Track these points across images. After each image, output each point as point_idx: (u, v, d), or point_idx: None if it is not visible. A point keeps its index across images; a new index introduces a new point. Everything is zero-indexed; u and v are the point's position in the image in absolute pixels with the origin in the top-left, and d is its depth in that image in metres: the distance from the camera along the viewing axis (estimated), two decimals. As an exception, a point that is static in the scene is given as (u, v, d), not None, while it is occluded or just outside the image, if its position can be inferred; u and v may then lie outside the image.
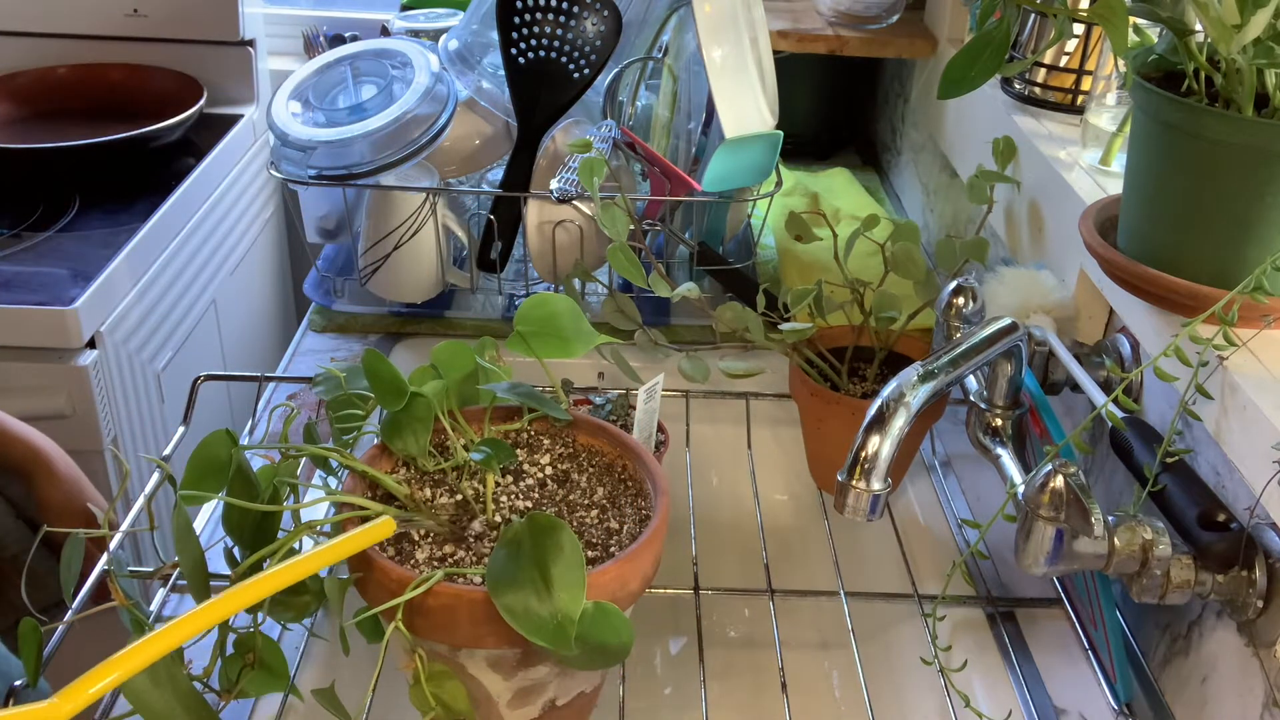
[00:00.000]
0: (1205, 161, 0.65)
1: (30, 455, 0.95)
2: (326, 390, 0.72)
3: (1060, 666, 0.80)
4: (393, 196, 1.11)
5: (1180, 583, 0.67)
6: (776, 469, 1.09)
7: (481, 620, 0.59)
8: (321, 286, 1.24)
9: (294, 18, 1.91)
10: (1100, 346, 0.87)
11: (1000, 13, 0.73)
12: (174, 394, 1.44)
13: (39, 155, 1.45)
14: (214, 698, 0.62)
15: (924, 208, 1.42)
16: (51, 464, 0.95)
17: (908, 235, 0.93)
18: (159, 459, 0.70)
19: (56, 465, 0.95)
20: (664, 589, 0.83)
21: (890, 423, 0.66)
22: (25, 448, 0.95)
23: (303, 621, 0.68)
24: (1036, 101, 1.05)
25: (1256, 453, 0.61)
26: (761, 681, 0.93)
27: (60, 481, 0.95)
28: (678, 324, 1.20)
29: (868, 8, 1.39)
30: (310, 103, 1.14)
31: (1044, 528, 0.67)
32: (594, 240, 1.12)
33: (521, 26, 1.09)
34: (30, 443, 0.95)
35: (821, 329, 0.94)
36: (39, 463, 0.95)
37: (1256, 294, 0.63)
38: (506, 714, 0.66)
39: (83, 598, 0.77)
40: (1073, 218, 0.81)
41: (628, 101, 1.21)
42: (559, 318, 0.72)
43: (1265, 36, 0.61)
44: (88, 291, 1.22)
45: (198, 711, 0.57)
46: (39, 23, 1.69)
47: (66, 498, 0.93)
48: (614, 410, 0.93)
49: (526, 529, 0.59)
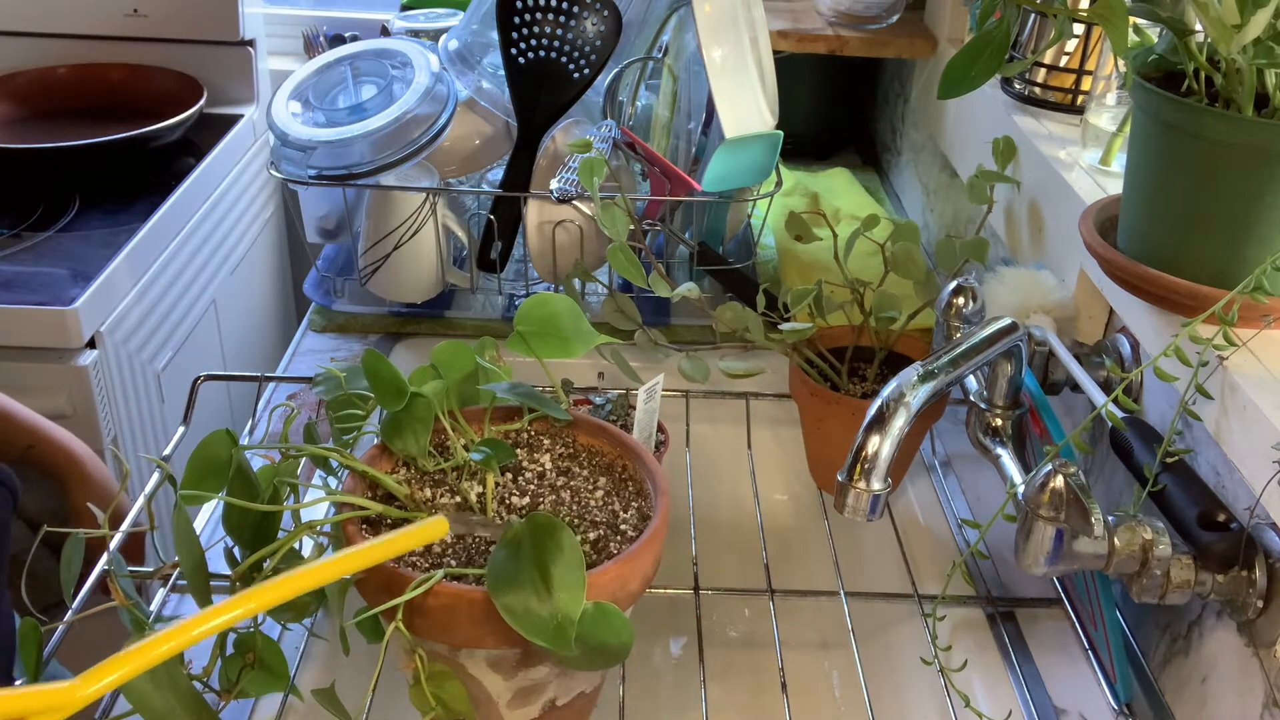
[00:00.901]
0: (1205, 161, 0.65)
1: (65, 461, 0.96)
2: (326, 390, 0.72)
3: (1060, 666, 0.80)
4: (393, 196, 1.11)
5: (1180, 583, 0.67)
6: (776, 469, 1.09)
7: (481, 620, 0.59)
8: (321, 286, 1.24)
9: (294, 18, 1.91)
10: (1100, 346, 0.87)
11: (1000, 13, 0.73)
12: (174, 394, 1.44)
13: (39, 155, 1.45)
14: (214, 698, 0.62)
15: (924, 208, 1.42)
16: (85, 470, 0.96)
17: (908, 235, 0.93)
18: (159, 459, 0.70)
19: (90, 471, 0.96)
20: (664, 589, 0.83)
21: (890, 423, 0.66)
22: (61, 453, 0.96)
23: (303, 621, 0.68)
24: (1036, 101, 1.05)
25: (1256, 453, 0.61)
26: (761, 681, 0.93)
27: (93, 486, 0.96)
28: (678, 324, 1.20)
29: (868, 8, 1.39)
30: (310, 103, 1.14)
31: (1044, 528, 0.67)
32: (594, 240, 1.12)
33: (521, 26, 1.09)
34: (66, 448, 0.96)
35: (821, 329, 0.94)
36: (73, 467, 0.96)
37: (1256, 294, 0.63)
38: (506, 714, 0.66)
39: (83, 598, 0.77)
40: (1073, 218, 0.81)
41: (628, 101, 1.21)
42: (559, 318, 0.72)
43: (1265, 36, 0.61)
44: (88, 291, 1.22)
45: (198, 711, 0.57)
46: (39, 23, 1.69)
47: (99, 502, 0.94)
48: (614, 410, 0.93)
49: (526, 529, 0.59)
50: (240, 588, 0.65)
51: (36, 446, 0.95)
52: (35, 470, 0.94)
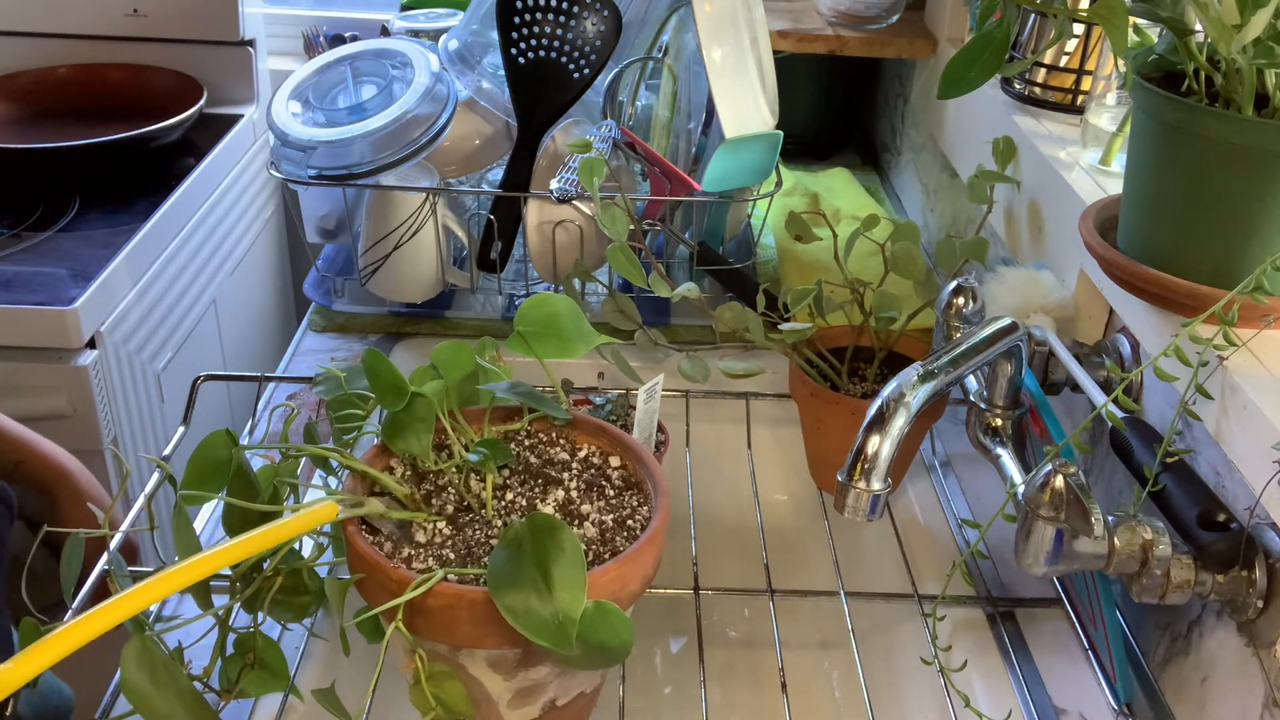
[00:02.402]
0: (1205, 161, 0.65)
1: (56, 475, 0.96)
2: (326, 390, 0.72)
3: (1060, 666, 0.80)
4: (393, 196, 1.11)
5: (1180, 583, 0.67)
6: (776, 469, 1.09)
7: (482, 620, 0.59)
8: (321, 286, 1.24)
9: (294, 18, 1.91)
10: (1100, 346, 0.87)
11: (1000, 13, 0.73)
12: (174, 394, 1.44)
13: (39, 155, 1.45)
14: (214, 698, 0.63)
15: (924, 208, 1.42)
16: (76, 483, 0.96)
17: (908, 235, 0.93)
18: (159, 459, 0.70)
19: (81, 485, 0.96)
20: (664, 589, 0.83)
21: (890, 423, 0.66)
22: (51, 467, 0.96)
23: (303, 621, 0.68)
24: (1036, 101, 1.05)
25: (1256, 453, 0.61)
26: (761, 681, 0.93)
27: (84, 500, 0.95)
28: (678, 324, 1.20)
29: (868, 8, 1.39)
30: (310, 103, 1.14)
31: (1044, 528, 0.67)
32: (594, 240, 1.12)
33: (521, 26, 1.09)
34: (56, 462, 0.96)
35: (821, 329, 0.94)
36: (64, 483, 0.95)
37: (1256, 294, 0.63)
38: (506, 714, 0.66)
39: (83, 598, 0.77)
40: (1073, 218, 0.81)
41: (628, 101, 1.21)
42: (559, 318, 0.72)
43: (1265, 36, 0.61)
44: (88, 291, 1.22)
45: (198, 711, 0.57)
46: (39, 23, 1.69)
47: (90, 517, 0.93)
48: (614, 410, 0.93)
49: (527, 529, 0.59)
50: (241, 588, 0.65)
51: (26, 462, 0.95)
52: (25, 485, 0.94)
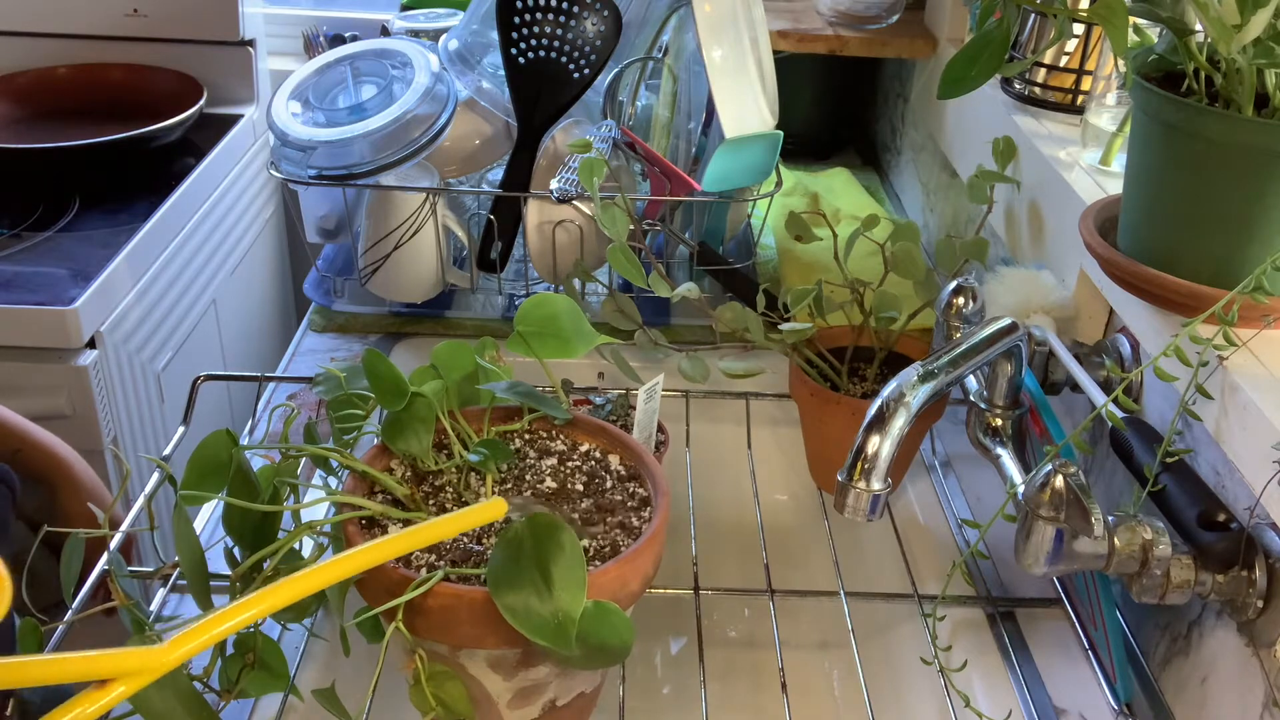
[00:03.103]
0: (1205, 161, 0.65)
1: (53, 464, 0.96)
2: (326, 390, 0.72)
3: (1060, 666, 0.80)
4: (393, 196, 1.11)
5: (1180, 583, 0.67)
6: (776, 469, 1.09)
7: (482, 620, 0.59)
8: (321, 286, 1.24)
9: (294, 18, 1.91)
10: (1100, 346, 0.87)
11: (1000, 13, 0.73)
12: (174, 394, 1.44)
13: (39, 155, 1.45)
14: (214, 698, 0.62)
15: (924, 208, 1.42)
16: (74, 473, 0.96)
17: (908, 235, 0.93)
18: (159, 459, 0.70)
19: (79, 475, 0.96)
20: (664, 589, 0.83)
21: (890, 423, 0.66)
22: (49, 457, 0.96)
23: (303, 621, 0.68)
24: (1036, 101, 1.05)
25: (1256, 453, 0.61)
26: (761, 681, 0.93)
27: (82, 490, 0.95)
28: (678, 324, 1.20)
29: (868, 8, 1.39)
30: (310, 103, 1.14)
31: (1044, 528, 0.67)
32: (594, 240, 1.12)
33: (521, 26, 1.09)
34: (54, 452, 0.96)
35: (821, 329, 0.94)
36: (61, 472, 0.95)
37: (1256, 294, 0.63)
38: (506, 714, 0.66)
39: (83, 598, 0.77)
40: (1073, 218, 0.81)
41: (628, 101, 1.21)
42: (559, 318, 0.72)
43: (1265, 36, 0.61)
44: (88, 291, 1.22)
45: (198, 711, 0.57)
46: (39, 23, 1.68)
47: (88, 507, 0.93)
48: (614, 410, 0.93)
49: (527, 529, 0.59)
50: (240, 588, 0.65)
51: (24, 450, 0.95)
52: (23, 474, 0.94)
